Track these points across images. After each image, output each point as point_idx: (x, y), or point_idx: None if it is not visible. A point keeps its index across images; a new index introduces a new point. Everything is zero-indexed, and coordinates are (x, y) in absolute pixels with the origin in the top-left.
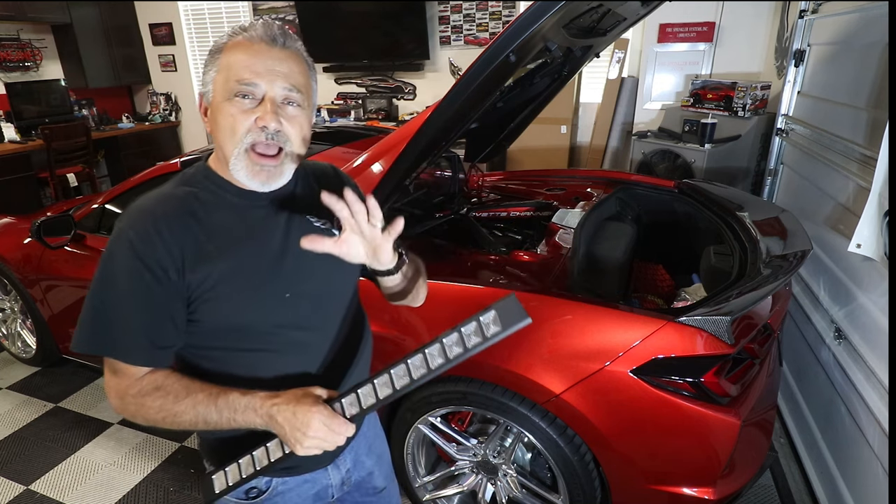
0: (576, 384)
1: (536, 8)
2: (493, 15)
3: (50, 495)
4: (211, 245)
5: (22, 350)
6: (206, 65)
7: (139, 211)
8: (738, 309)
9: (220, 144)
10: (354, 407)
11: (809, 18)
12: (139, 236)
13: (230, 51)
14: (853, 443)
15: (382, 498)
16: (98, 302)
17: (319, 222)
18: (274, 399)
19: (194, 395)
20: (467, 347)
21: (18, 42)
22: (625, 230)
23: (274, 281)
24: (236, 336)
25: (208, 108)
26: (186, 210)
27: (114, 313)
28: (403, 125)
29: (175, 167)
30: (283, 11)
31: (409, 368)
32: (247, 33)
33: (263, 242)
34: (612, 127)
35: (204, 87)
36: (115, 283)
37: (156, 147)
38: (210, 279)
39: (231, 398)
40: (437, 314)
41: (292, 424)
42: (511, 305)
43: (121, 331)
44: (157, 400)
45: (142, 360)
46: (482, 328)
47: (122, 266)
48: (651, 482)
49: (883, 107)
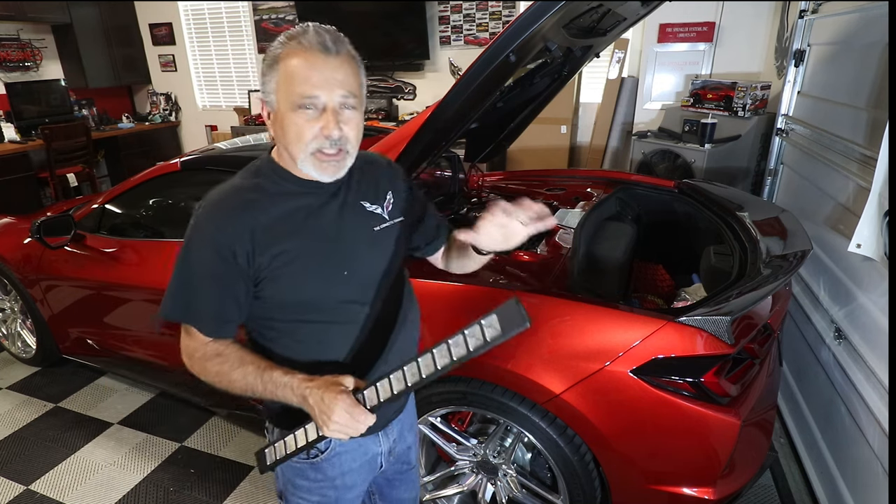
0: (576, 384)
1: (536, 8)
2: (493, 15)
3: (50, 495)
4: (277, 230)
5: (22, 350)
6: (265, 74)
7: (215, 203)
8: (738, 309)
9: (287, 147)
10: (374, 399)
11: (809, 18)
12: (215, 227)
13: (286, 60)
14: (853, 443)
15: (413, 473)
16: (181, 279)
17: (372, 206)
18: (308, 382)
19: (245, 367)
20: (469, 350)
21: (18, 42)
22: (625, 230)
23: (333, 260)
24: (300, 309)
25: (272, 113)
26: (255, 200)
27: (192, 290)
28: (403, 125)
29: (175, 167)
30: (283, 11)
31: (420, 367)
32: (300, 41)
33: (323, 226)
34: (612, 127)
35: (266, 95)
36: (195, 265)
37: (156, 147)
38: (278, 260)
39: (275, 375)
40: (438, 314)
41: (320, 408)
42: (512, 310)
43: (197, 304)
44: (217, 365)
45: (209, 330)
46: (483, 331)
47: (201, 252)
48: (651, 482)
49: (883, 107)
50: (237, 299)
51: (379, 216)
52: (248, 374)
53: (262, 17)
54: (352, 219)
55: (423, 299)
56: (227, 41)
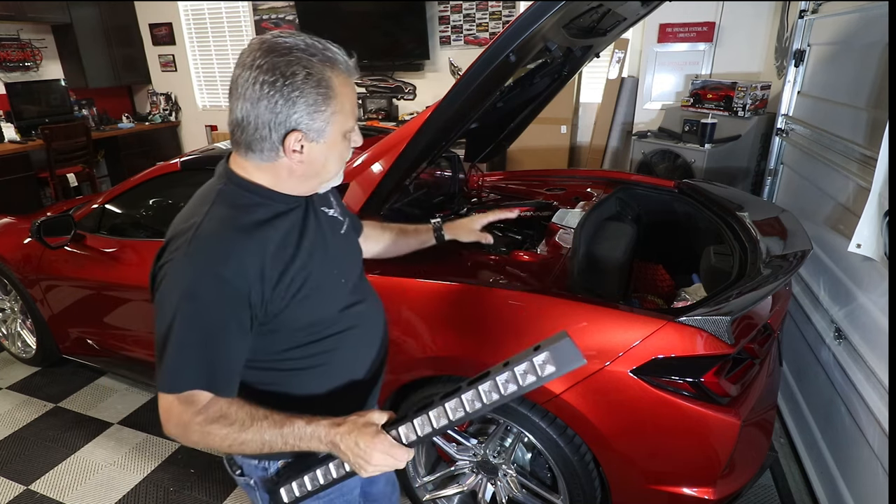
0: (576, 384)
1: (536, 8)
2: (493, 15)
3: (50, 495)
4: (283, 256)
5: (22, 350)
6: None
7: (208, 243)
8: (738, 309)
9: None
10: (413, 435)
11: (809, 18)
12: (220, 268)
13: (342, 88)
14: (853, 443)
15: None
16: (189, 341)
17: (331, 212)
18: (337, 429)
19: (259, 423)
20: (521, 386)
21: (18, 42)
22: (625, 230)
23: (331, 271)
24: (311, 330)
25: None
26: (252, 230)
27: (208, 349)
28: (403, 125)
29: (175, 167)
30: (283, 11)
31: (463, 402)
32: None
33: (313, 239)
34: (612, 127)
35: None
36: (204, 319)
37: (156, 147)
38: (292, 287)
39: (297, 427)
40: (438, 314)
41: (355, 453)
42: (566, 347)
43: (216, 365)
44: (224, 428)
45: (227, 388)
46: (536, 369)
47: (209, 302)
48: (651, 482)
49: (883, 107)
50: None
51: (338, 220)
52: (263, 430)
53: (262, 17)
54: (326, 227)
55: (422, 298)
56: (227, 41)
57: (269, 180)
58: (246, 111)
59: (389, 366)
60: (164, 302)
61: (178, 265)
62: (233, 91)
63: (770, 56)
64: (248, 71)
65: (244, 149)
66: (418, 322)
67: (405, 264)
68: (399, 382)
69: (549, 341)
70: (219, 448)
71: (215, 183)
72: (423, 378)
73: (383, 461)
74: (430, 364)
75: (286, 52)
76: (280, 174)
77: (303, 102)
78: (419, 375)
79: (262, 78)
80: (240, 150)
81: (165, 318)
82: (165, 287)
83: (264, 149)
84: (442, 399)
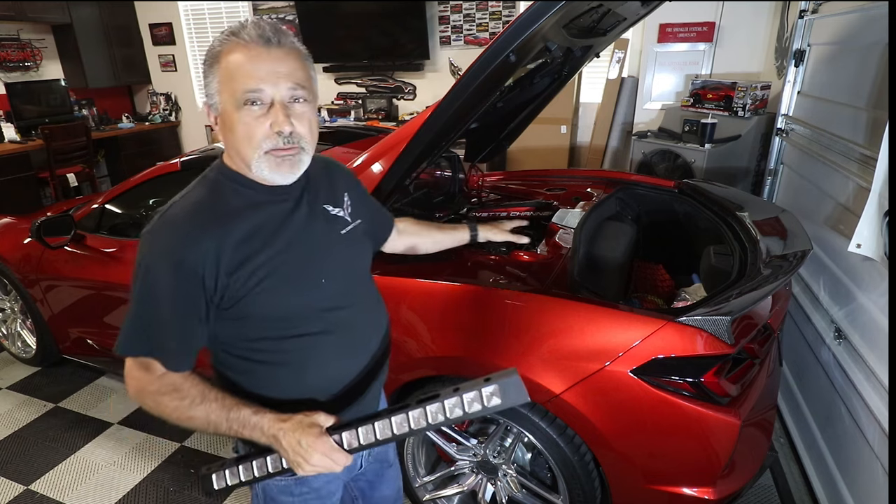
0: (576, 384)
1: (536, 8)
2: (493, 15)
3: (50, 495)
4: (248, 246)
5: (22, 350)
6: (206, 75)
7: (173, 223)
8: (738, 309)
9: (238, 150)
10: (355, 442)
11: (809, 18)
12: (177, 245)
13: (227, 57)
14: (853, 443)
15: (393, 471)
16: (141, 311)
17: (335, 210)
18: (281, 424)
19: (208, 404)
20: (466, 412)
21: (18, 42)
22: (625, 230)
23: (309, 269)
24: (283, 324)
25: (217, 117)
26: (219, 216)
27: (153, 318)
28: (403, 125)
29: (175, 167)
30: (283, 11)
31: (409, 419)
32: (239, 36)
33: (293, 234)
34: (612, 127)
35: (209, 98)
36: (156, 293)
37: (156, 147)
38: (254, 277)
39: (242, 414)
40: (438, 314)
41: (295, 450)
42: (514, 383)
43: (160, 334)
44: (175, 401)
45: (174, 362)
46: (483, 399)
47: (162, 279)
48: (651, 482)
49: (883, 107)
50: (201, 324)
51: (343, 219)
52: (211, 411)
53: (261, 17)
54: (319, 225)
55: (422, 298)
56: None
57: (233, 163)
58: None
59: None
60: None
61: (143, 240)
62: None
63: (770, 56)
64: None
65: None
66: (418, 322)
67: (405, 264)
68: (399, 382)
69: (499, 375)
70: (168, 418)
71: (207, 171)
72: (423, 378)
73: (321, 462)
74: (430, 364)
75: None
76: (228, 152)
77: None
78: (419, 375)
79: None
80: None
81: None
82: (136, 259)
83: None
84: (389, 413)
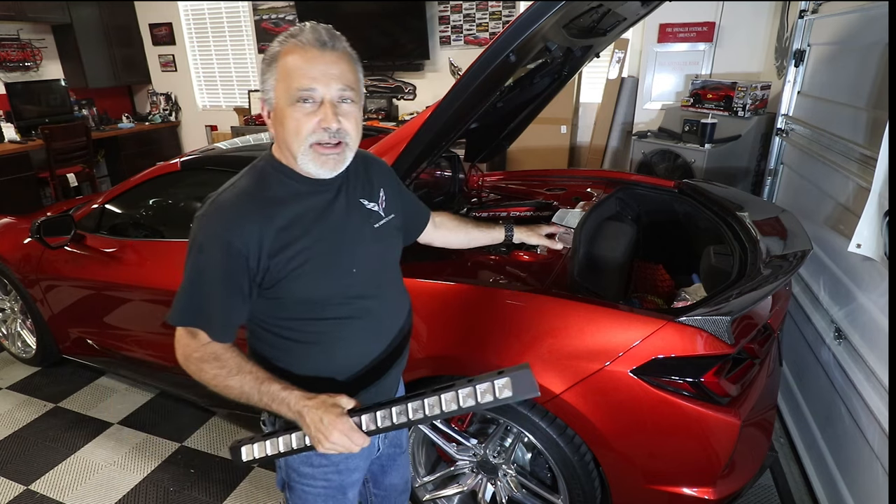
0: (576, 384)
1: (536, 8)
2: (493, 15)
3: (50, 495)
4: (288, 233)
5: (22, 350)
6: (263, 73)
7: (221, 208)
8: (738, 309)
9: (287, 142)
10: (373, 424)
11: (809, 18)
12: (225, 227)
13: (285, 57)
14: (853, 443)
15: (404, 457)
16: (193, 286)
17: (370, 204)
18: (306, 401)
19: (244, 375)
20: (478, 402)
21: (18, 42)
22: (625, 230)
23: (343, 258)
24: (313, 307)
25: (271, 112)
26: (263, 204)
27: (203, 292)
28: (403, 125)
29: (175, 167)
30: (283, 11)
31: (425, 405)
32: (297, 39)
33: (331, 225)
34: (612, 127)
35: (265, 94)
36: (207, 271)
37: (156, 147)
38: (293, 262)
39: (273, 388)
40: (438, 314)
41: (317, 427)
42: (525, 377)
43: (208, 306)
44: (215, 369)
45: (217, 333)
46: (495, 390)
47: (212, 258)
48: (651, 482)
49: (883, 107)
50: (244, 301)
51: (377, 213)
52: (245, 382)
53: (262, 17)
54: (356, 217)
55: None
56: (227, 41)
57: (281, 156)
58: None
59: None
60: (187, 250)
61: (197, 222)
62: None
63: (770, 56)
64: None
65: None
66: (419, 322)
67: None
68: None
69: (512, 369)
70: (207, 383)
71: (258, 160)
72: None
73: (340, 441)
74: (430, 364)
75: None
76: (278, 144)
77: (266, 76)
78: (419, 375)
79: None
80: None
81: (185, 264)
82: (189, 238)
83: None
84: (406, 399)
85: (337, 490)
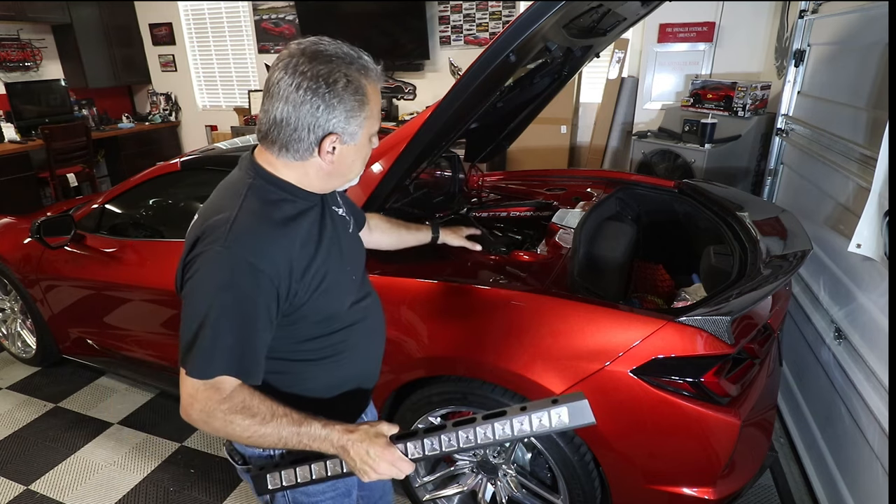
0: (576, 384)
1: (536, 8)
2: (493, 15)
3: (50, 495)
4: (305, 251)
5: (22, 350)
6: (351, 110)
7: (243, 235)
8: (738, 309)
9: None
10: (418, 452)
11: (809, 18)
12: (255, 259)
13: (373, 94)
14: (853, 443)
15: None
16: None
17: (340, 211)
18: (349, 435)
19: (279, 419)
20: (533, 430)
21: (18, 42)
22: (625, 230)
23: (345, 266)
24: (330, 323)
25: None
26: (282, 224)
27: (235, 337)
28: (403, 125)
29: (175, 167)
30: (283, 11)
31: (476, 433)
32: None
33: (329, 236)
34: (612, 127)
35: (347, 126)
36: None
37: (156, 147)
38: (314, 280)
39: (312, 428)
40: (438, 314)
41: (363, 460)
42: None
43: (242, 352)
44: (246, 420)
45: (254, 375)
46: (551, 419)
47: (242, 290)
48: (651, 482)
49: (883, 107)
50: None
51: (346, 218)
52: (281, 427)
53: (262, 17)
54: (339, 225)
55: (423, 298)
56: (227, 41)
57: (295, 177)
58: (287, 113)
59: (390, 365)
60: (197, 290)
61: (215, 256)
62: (273, 93)
63: (770, 56)
64: (291, 76)
65: (278, 147)
66: (418, 322)
67: (405, 264)
68: (399, 382)
69: (566, 398)
70: (237, 438)
71: (244, 177)
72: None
73: (388, 471)
74: (430, 364)
75: (328, 61)
76: (308, 172)
77: (342, 108)
78: (417, 376)
79: (305, 84)
80: (272, 148)
81: (199, 307)
82: (200, 276)
83: (300, 149)
84: (455, 426)
85: (343, 495)
